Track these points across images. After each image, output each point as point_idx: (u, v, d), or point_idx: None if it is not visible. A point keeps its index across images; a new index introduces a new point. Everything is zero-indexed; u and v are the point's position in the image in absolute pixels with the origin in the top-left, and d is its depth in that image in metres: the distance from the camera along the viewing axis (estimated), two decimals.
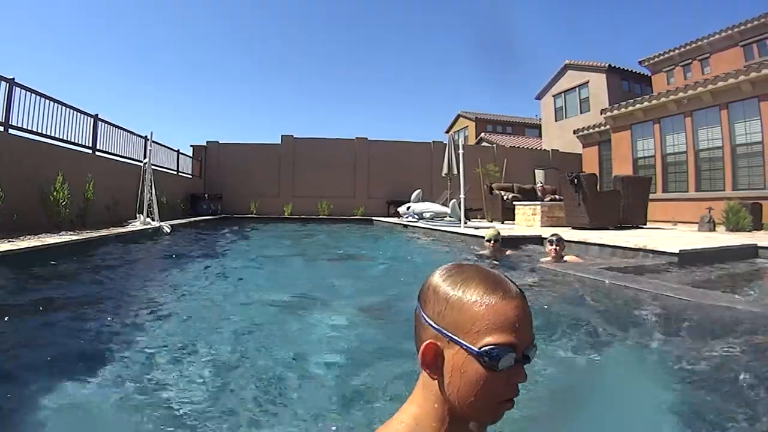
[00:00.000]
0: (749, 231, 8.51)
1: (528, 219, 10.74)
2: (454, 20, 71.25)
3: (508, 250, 6.11)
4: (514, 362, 0.62)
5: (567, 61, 21.11)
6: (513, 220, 11.49)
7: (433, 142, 19.07)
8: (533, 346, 0.65)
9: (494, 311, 0.62)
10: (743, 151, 11.71)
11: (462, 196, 9.98)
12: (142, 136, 11.50)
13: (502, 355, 0.61)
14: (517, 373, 0.63)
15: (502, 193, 12.79)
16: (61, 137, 7.99)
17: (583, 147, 18.31)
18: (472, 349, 0.62)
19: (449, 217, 11.77)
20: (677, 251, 4.87)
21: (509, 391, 0.63)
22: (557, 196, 11.21)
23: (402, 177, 17.79)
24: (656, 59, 17.99)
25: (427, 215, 12.34)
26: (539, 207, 10.53)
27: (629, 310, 3.03)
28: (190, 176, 16.59)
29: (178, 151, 15.22)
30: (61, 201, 6.94)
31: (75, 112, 8.47)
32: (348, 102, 79.77)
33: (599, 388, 2.13)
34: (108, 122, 9.82)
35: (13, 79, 6.76)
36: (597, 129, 17.12)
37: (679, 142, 13.32)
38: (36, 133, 7.28)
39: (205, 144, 18.10)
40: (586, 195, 8.69)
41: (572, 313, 3.20)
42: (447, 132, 32.69)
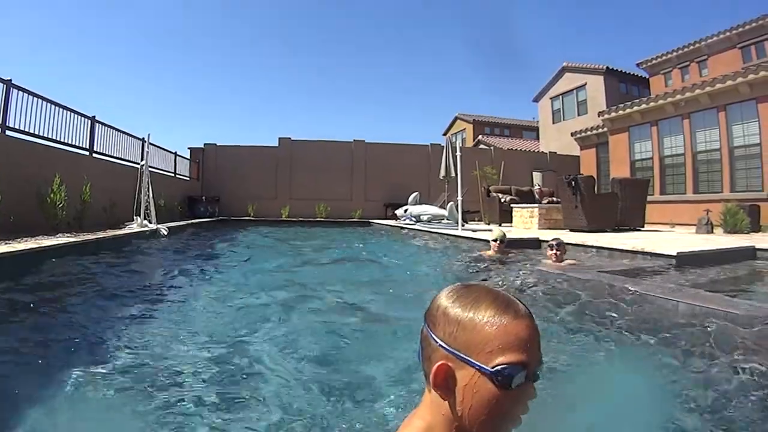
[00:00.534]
0: (747, 233, 8.53)
1: (525, 221, 10.74)
2: (452, 21, 71.51)
3: (511, 252, 6.08)
4: (525, 380, 0.64)
5: (564, 64, 21.16)
6: (510, 222, 11.50)
7: (431, 144, 19.09)
8: (541, 363, 0.67)
9: (506, 332, 0.64)
10: (741, 153, 11.74)
11: (459, 198, 9.98)
12: (139, 138, 11.47)
13: (514, 374, 0.62)
14: (527, 391, 0.65)
15: (500, 195, 12.81)
16: (58, 139, 7.97)
17: (581, 149, 18.34)
18: (485, 368, 0.63)
19: (447, 219, 11.76)
20: (675, 253, 4.88)
21: (520, 409, 0.65)
22: (555, 199, 11.22)
23: (399, 179, 17.77)
24: (654, 61, 18.04)
25: (424, 218, 12.33)
26: (537, 209, 10.54)
27: (630, 311, 3.02)
28: (188, 178, 16.57)
29: (176, 154, 15.20)
30: (58, 203, 6.91)
31: (72, 113, 8.45)
32: (346, 104, 79.93)
33: (601, 389, 2.12)
34: (105, 124, 9.80)
35: (11, 80, 6.74)
36: (594, 131, 17.15)
37: (677, 144, 13.35)
38: (33, 135, 7.26)
39: (202, 146, 18.07)
40: (584, 197, 8.69)
41: (568, 313, 3.19)
42: (444, 134, 32.72)
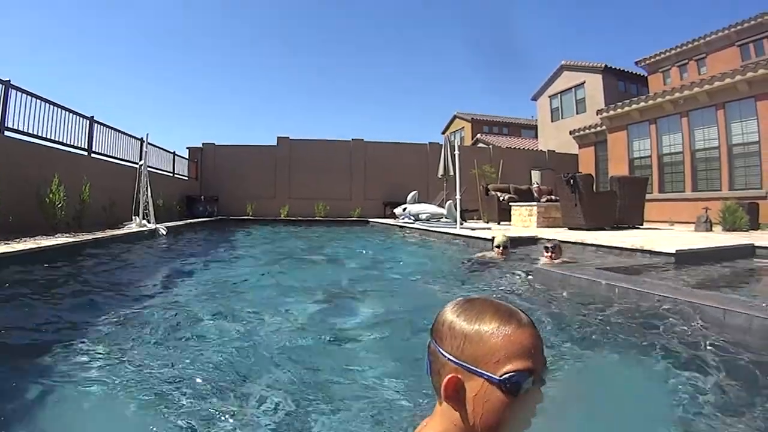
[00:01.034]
0: (746, 231, 8.55)
1: (524, 220, 10.76)
2: (452, 21, 71.39)
3: (512, 252, 6.07)
4: (532, 385, 0.67)
5: (563, 62, 21.15)
6: (509, 220, 11.52)
7: (430, 143, 19.08)
8: (546, 367, 0.70)
9: (511, 341, 0.67)
10: (740, 151, 11.75)
11: (458, 197, 9.98)
12: (137, 138, 11.46)
13: (522, 381, 0.65)
14: (535, 395, 0.68)
15: (499, 194, 12.82)
16: (57, 139, 7.97)
17: (580, 148, 18.34)
18: (494, 378, 0.65)
19: (445, 218, 11.78)
20: (674, 251, 4.89)
21: (529, 413, 0.68)
22: (553, 197, 11.24)
23: (398, 178, 17.79)
24: (652, 59, 18.05)
25: (423, 216, 12.34)
26: (535, 208, 10.55)
27: (627, 310, 3.03)
28: (186, 178, 16.56)
29: (174, 153, 15.19)
30: (57, 203, 6.91)
31: (71, 114, 8.44)
32: (345, 104, 79.72)
33: (604, 390, 2.13)
34: (104, 124, 9.80)
35: (9, 81, 6.74)
36: (593, 129, 17.15)
37: (676, 143, 13.35)
38: (32, 135, 7.26)
39: (201, 146, 18.06)
40: (583, 195, 8.70)
41: (563, 313, 3.20)
42: (443, 133, 32.69)
